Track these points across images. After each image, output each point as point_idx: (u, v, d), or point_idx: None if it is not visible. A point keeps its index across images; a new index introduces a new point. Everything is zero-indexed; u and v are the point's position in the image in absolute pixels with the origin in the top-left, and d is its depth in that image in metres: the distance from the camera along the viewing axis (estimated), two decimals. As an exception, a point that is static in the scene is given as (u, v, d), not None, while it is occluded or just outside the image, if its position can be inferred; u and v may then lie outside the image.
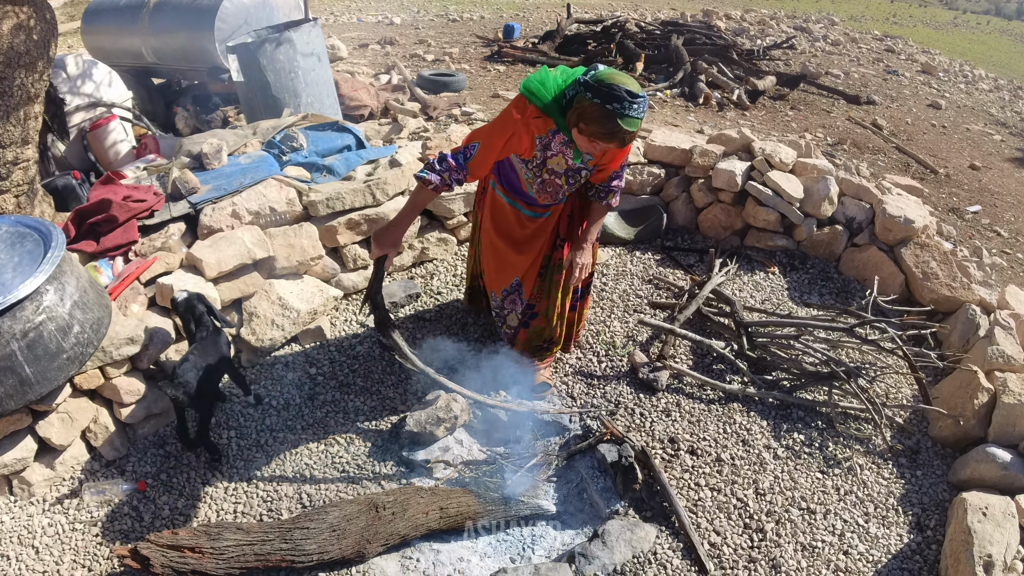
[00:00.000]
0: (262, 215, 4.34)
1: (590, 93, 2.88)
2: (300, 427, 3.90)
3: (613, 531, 3.34)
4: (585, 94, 2.91)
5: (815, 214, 5.15)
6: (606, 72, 2.92)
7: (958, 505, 3.42)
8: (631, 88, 2.84)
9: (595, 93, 2.87)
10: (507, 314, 3.96)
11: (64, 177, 4.56)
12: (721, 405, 4.09)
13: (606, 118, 2.88)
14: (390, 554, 3.34)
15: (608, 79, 2.87)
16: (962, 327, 4.40)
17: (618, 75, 2.90)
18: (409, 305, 4.68)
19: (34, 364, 3.16)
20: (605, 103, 2.85)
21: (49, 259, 3.23)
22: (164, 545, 3.04)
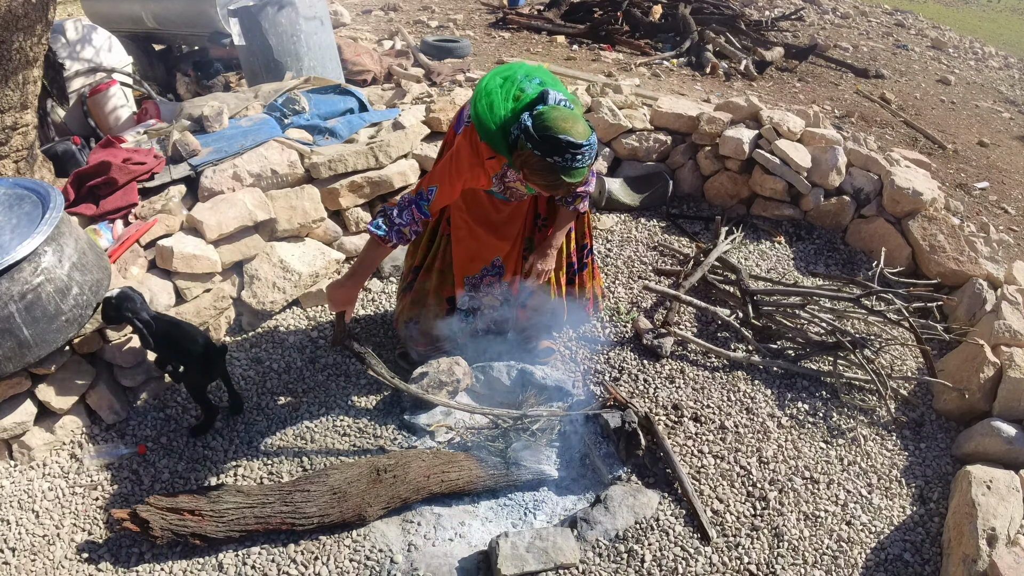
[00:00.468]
0: (263, 177, 4.29)
1: (531, 144, 2.71)
2: (301, 390, 3.87)
3: (616, 497, 3.31)
4: (527, 143, 2.73)
5: (822, 184, 5.10)
6: (550, 116, 2.70)
7: (962, 478, 3.39)
8: (574, 137, 2.66)
9: (536, 145, 2.70)
10: (483, 296, 3.80)
11: (64, 143, 4.50)
12: (725, 373, 4.06)
13: (548, 171, 2.74)
14: (391, 517, 3.31)
15: (551, 126, 2.68)
16: (969, 301, 4.36)
17: (562, 119, 2.69)
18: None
19: (32, 326, 3.13)
20: (546, 156, 2.69)
21: (47, 220, 3.18)
22: (163, 508, 3.02)
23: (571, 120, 2.70)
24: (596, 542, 3.20)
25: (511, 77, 3.00)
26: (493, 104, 2.90)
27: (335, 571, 3.10)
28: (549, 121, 2.68)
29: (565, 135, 2.65)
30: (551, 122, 2.68)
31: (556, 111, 2.73)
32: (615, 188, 5.20)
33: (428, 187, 3.10)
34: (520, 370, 3.84)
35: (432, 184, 3.10)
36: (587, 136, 2.71)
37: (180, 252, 3.76)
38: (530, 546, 3.06)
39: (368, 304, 4.42)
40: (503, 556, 3.02)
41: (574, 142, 2.66)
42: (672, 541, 3.24)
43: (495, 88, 2.95)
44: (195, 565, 3.10)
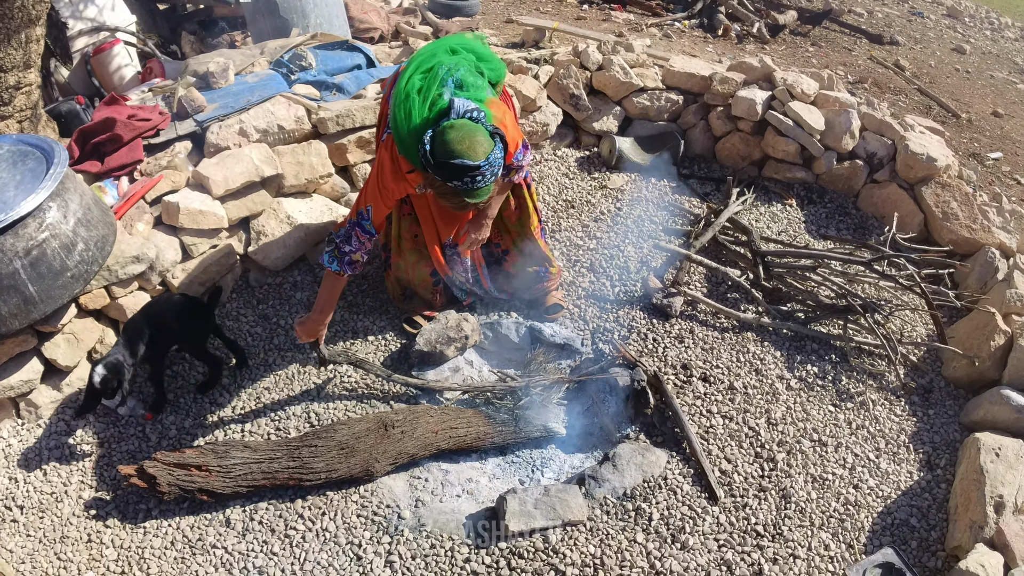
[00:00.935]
0: (270, 133, 4.23)
1: (431, 169, 2.67)
2: (308, 346, 3.84)
3: (624, 455, 3.30)
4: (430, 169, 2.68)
5: (836, 147, 5.03)
6: (448, 137, 2.61)
7: (971, 444, 3.38)
8: (471, 159, 2.59)
9: (436, 170, 2.65)
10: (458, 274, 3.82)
11: (68, 102, 4.44)
12: (735, 334, 4.03)
13: (452, 194, 2.73)
14: (398, 473, 3.31)
15: (449, 150, 2.60)
16: (980, 269, 4.31)
17: (459, 140, 2.61)
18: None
19: (38, 282, 3.09)
20: (447, 181, 2.65)
21: (52, 175, 3.13)
22: (170, 464, 3.02)
23: (468, 139, 2.62)
24: (604, 500, 3.19)
25: (433, 73, 2.85)
26: (411, 112, 2.79)
27: (342, 526, 3.10)
28: (447, 144, 2.61)
29: (461, 159, 2.59)
30: (449, 145, 2.61)
31: (454, 131, 2.63)
32: (625, 147, 5.14)
33: (364, 207, 3.07)
34: (529, 327, 3.81)
35: (367, 204, 3.07)
36: (487, 153, 2.63)
37: (186, 208, 3.72)
38: (538, 502, 3.05)
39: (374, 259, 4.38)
40: (511, 512, 3.01)
41: (470, 165, 2.60)
42: (680, 500, 3.24)
43: (412, 91, 2.83)
44: (202, 521, 3.10)
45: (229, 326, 3.93)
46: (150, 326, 3.32)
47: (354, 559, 3.00)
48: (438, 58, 2.92)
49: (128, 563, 2.97)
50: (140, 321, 3.34)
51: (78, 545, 3.03)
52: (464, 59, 2.97)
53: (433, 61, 2.90)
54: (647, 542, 3.08)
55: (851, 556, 3.11)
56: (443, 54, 2.96)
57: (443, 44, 3.04)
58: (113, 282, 3.52)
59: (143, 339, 3.29)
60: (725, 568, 3.02)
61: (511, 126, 3.01)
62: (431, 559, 3.00)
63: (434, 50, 2.99)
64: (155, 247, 3.63)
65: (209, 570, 2.96)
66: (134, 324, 3.33)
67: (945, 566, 3.09)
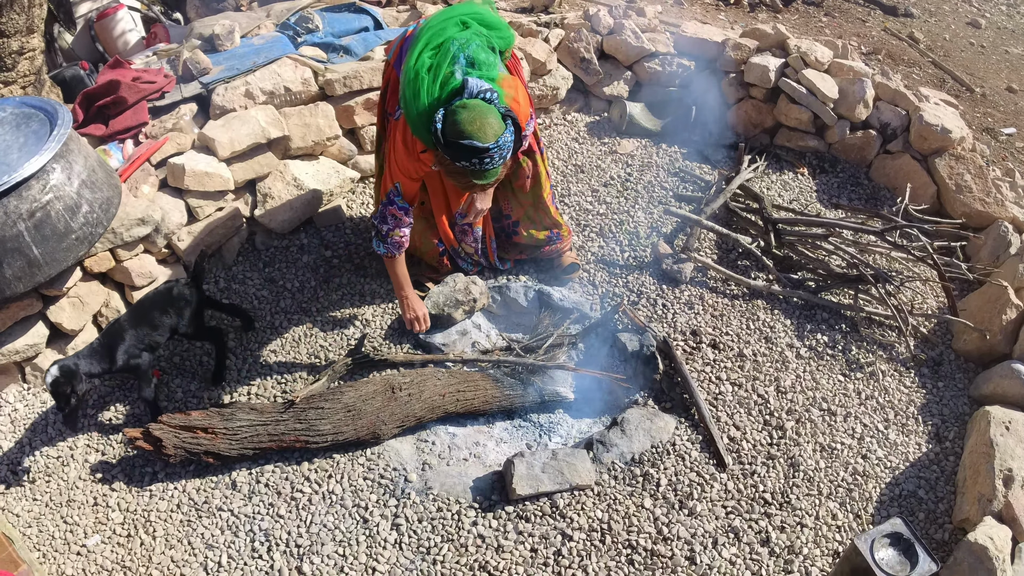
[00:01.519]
0: (276, 95, 4.18)
1: (441, 148, 2.68)
2: (315, 309, 3.82)
3: (632, 420, 3.27)
4: (440, 147, 2.69)
5: (849, 116, 4.96)
6: (460, 118, 2.62)
7: (981, 418, 3.35)
8: (480, 141, 2.59)
9: (445, 149, 2.66)
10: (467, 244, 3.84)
11: (72, 68, 4.39)
12: (745, 301, 3.99)
13: (460, 174, 2.74)
14: (405, 436, 3.30)
15: (460, 130, 2.60)
16: (993, 243, 4.26)
17: (470, 121, 2.61)
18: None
19: (42, 245, 3.07)
20: (456, 161, 2.66)
21: (55, 137, 3.10)
22: (176, 426, 3.01)
23: (480, 120, 2.61)
24: (612, 465, 3.18)
25: (443, 49, 2.81)
26: (419, 92, 2.77)
27: (349, 489, 3.09)
28: (458, 124, 2.61)
29: (470, 140, 2.59)
30: (460, 125, 2.61)
31: (467, 111, 2.63)
32: (636, 112, 5.07)
33: (393, 184, 3.09)
34: (537, 291, 3.78)
35: (394, 181, 3.09)
36: (497, 135, 2.63)
37: (192, 169, 3.68)
38: (545, 466, 3.04)
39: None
40: (518, 476, 3.00)
41: (479, 147, 2.60)
42: (688, 466, 3.22)
43: (422, 70, 2.79)
44: (208, 483, 3.10)
45: (235, 289, 3.90)
46: (136, 328, 3.18)
47: (360, 522, 2.99)
48: (448, 32, 2.86)
49: (134, 526, 2.98)
50: (123, 325, 3.18)
51: (84, 508, 3.03)
52: (475, 33, 2.91)
53: (443, 36, 2.85)
54: (654, 507, 3.07)
55: (858, 526, 3.10)
56: (453, 28, 2.90)
57: (453, 16, 2.96)
58: (118, 245, 3.50)
59: (124, 345, 3.13)
60: (732, 535, 3.01)
61: (523, 101, 2.98)
62: (438, 522, 2.99)
63: (444, 24, 2.91)
64: (160, 209, 3.60)
65: (215, 533, 2.96)
66: (115, 330, 3.17)
67: (952, 538, 3.08)
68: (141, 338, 3.16)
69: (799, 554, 2.97)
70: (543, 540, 2.95)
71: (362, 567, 2.87)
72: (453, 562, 2.88)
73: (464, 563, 2.88)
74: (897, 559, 2.68)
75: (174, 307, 3.26)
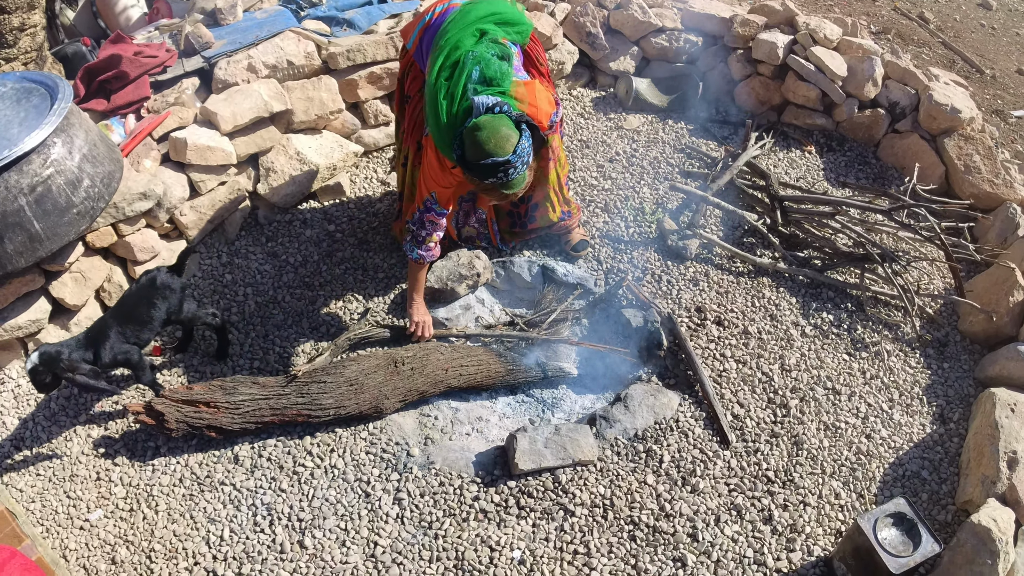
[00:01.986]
0: (279, 69, 4.14)
1: (467, 171, 2.75)
2: (318, 284, 3.80)
3: (636, 396, 3.26)
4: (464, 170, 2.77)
5: (857, 95, 4.91)
6: (476, 139, 2.67)
7: (986, 399, 3.32)
8: (500, 155, 2.65)
9: (471, 171, 2.72)
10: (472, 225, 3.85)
11: (74, 44, 4.35)
12: (750, 279, 3.96)
13: (489, 190, 2.81)
14: (408, 411, 3.29)
15: (478, 151, 2.66)
16: (1001, 225, 4.22)
17: (484, 141, 2.66)
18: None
19: (43, 219, 3.05)
20: (483, 180, 2.72)
21: (56, 111, 3.07)
22: (178, 400, 3.00)
23: (494, 137, 2.66)
24: (615, 440, 3.17)
25: (459, 68, 2.86)
26: (440, 113, 2.84)
27: (351, 463, 3.09)
28: (475, 145, 2.68)
29: (491, 157, 2.65)
30: (477, 146, 2.67)
31: (480, 131, 2.68)
32: (642, 88, 5.02)
33: (428, 193, 3.13)
34: (541, 266, 3.75)
35: (429, 191, 3.12)
36: (514, 146, 2.68)
37: (194, 143, 3.65)
38: (548, 442, 3.03)
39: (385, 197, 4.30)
40: (520, 451, 2.99)
41: (500, 161, 2.66)
42: (691, 443, 3.21)
43: (440, 94, 2.85)
44: (210, 458, 3.10)
45: (237, 263, 3.88)
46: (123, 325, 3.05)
47: (363, 496, 2.99)
48: (465, 46, 2.90)
49: (136, 500, 2.98)
50: (108, 323, 3.05)
51: (87, 483, 3.03)
52: (491, 41, 2.94)
53: (459, 52, 2.88)
54: (657, 484, 3.07)
55: (861, 505, 3.09)
56: (470, 40, 2.92)
57: (471, 22, 2.96)
58: (120, 219, 3.47)
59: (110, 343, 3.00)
60: (735, 512, 3.01)
61: (541, 100, 2.95)
62: (440, 496, 2.99)
63: (461, 35, 2.92)
64: (162, 184, 3.57)
65: (217, 507, 2.96)
66: (100, 327, 3.05)
67: (955, 520, 3.07)
68: (129, 336, 3.05)
69: (801, 532, 2.96)
70: (545, 515, 2.94)
71: (364, 541, 2.86)
72: (455, 536, 2.87)
73: (466, 538, 2.87)
74: (900, 539, 2.67)
75: (161, 296, 3.12)
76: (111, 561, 2.82)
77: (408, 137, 3.45)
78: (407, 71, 3.38)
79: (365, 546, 2.85)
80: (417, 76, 3.29)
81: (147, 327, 3.10)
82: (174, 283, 3.16)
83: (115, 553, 2.83)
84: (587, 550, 2.85)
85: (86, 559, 2.82)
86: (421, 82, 3.24)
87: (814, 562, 2.89)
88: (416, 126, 3.39)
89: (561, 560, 2.84)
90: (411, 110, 3.39)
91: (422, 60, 3.17)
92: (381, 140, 4.56)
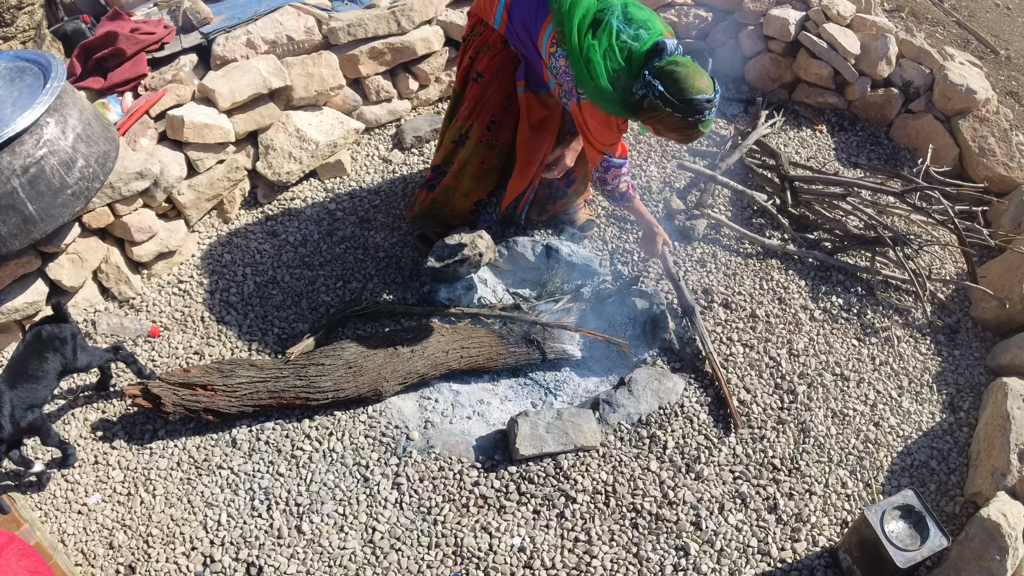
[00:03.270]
0: (279, 44, 4.07)
1: (670, 108, 2.68)
2: (318, 263, 3.75)
3: (640, 380, 3.21)
4: (664, 107, 2.69)
5: (870, 73, 4.81)
6: (680, 75, 2.64)
7: (998, 389, 3.26)
8: (708, 93, 2.66)
9: (675, 108, 2.67)
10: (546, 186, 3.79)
11: (73, 21, 4.28)
12: (759, 260, 3.90)
13: (688, 128, 2.77)
14: (408, 394, 3.25)
15: (685, 88, 2.63)
16: (1015, 209, 4.14)
17: (691, 77, 2.64)
18: (434, 140, 4.40)
19: (37, 201, 2.99)
20: (687, 116, 2.68)
21: (48, 90, 3.01)
22: (175, 383, 2.97)
23: (698, 74, 2.67)
24: (618, 426, 3.12)
25: (605, 24, 2.79)
26: (600, 77, 2.77)
27: (350, 447, 3.05)
28: (680, 82, 2.65)
29: (701, 94, 2.64)
30: (683, 82, 2.64)
31: (682, 68, 2.66)
32: (651, 66, 4.94)
33: (601, 153, 3.05)
34: (545, 246, 3.68)
35: (603, 149, 3.03)
36: (714, 84, 2.71)
37: (191, 121, 3.58)
38: (550, 426, 2.98)
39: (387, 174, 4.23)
40: (521, 436, 2.94)
41: (709, 98, 2.66)
42: (696, 429, 3.16)
43: (596, 56, 2.77)
44: (208, 441, 3.07)
45: (236, 243, 3.82)
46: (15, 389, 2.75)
47: (361, 480, 2.95)
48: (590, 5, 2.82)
49: (134, 484, 2.95)
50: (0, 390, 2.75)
51: (85, 467, 3.00)
52: None
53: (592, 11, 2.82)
54: (660, 470, 3.02)
55: (868, 495, 3.05)
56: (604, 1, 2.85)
57: None
58: (116, 199, 3.41)
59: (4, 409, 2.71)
60: (739, 501, 2.96)
61: None
62: (439, 482, 2.95)
63: None
64: (159, 163, 3.51)
65: (215, 491, 2.93)
66: None
67: (963, 511, 3.02)
68: (25, 398, 2.76)
69: (807, 522, 2.92)
70: (546, 502, 2.90)
71: (362, 526, 2.83)
72: (454, 522, 2.84)
73: (465, 524, 2.84)
74: (908, 532, 2.62)
75: (51, 349, 2.83)
76: (109, 546, 2.79)
77: (475, 116, 3.38)
78: (482, 50, 3.29)
79: (363, 531, 2.82)
80: (499, 54, 3.22)
81: (42, 384, 2.80)
82: (63, 332, 2.86)
83: (113, 538, 2.81)
84: (588, 538, 2.82)
85: (84, 543, 2.80)
86: (502, 60, 3.22)
87: (819, 552, 2.85)
88: (486, 106, 3.34)
89: (562, 548, 2.80)
90: (481, 89, 3.32)
91: (518, 37, 3.09)
92: (383, 117, 4.48)
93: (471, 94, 3.34)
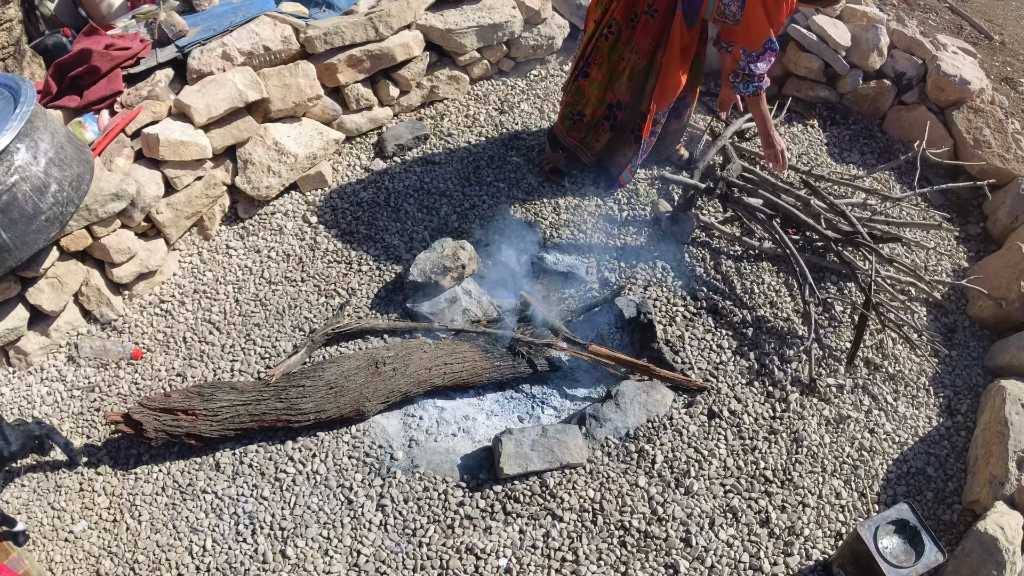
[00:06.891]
0: (255, 55, 4.00)
1: None
2: (300, 278, 3.69)
3: (627, 393, 3.15)
4: None
5: (862, 65, 4.74)
6: None
7: (995, 393, 3.21)
8: None
9: None
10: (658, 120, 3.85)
11: (54, 35, 4.23)
12: (749, 263, 3.83)
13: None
14: (391, 412, 3.21)
15: None
16: (1012, 202, 4.08)
17: None
18: (417, 148, 4.34)
19: (10, 229, 2.95)
20: None
21: (17, 115, 2.95)
22: (156, 409, 2.94)
23: None
24: (605, 441, 3.07)
25: None
26: None
27: (333, 468, 3.01)
28: None
29: None
30: None
31: None
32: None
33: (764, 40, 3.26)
34: (529, 255, 3.62)
35: (766, 36, 3.24)
36: None
37: (166, 139, 3.52)
38: (535, 444, 2.93)
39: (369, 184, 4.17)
40: (506, 455, 2.90)
41: None
42: (685, 442, 3.11)
43: None
44: (192, 465, 3.04)
45: (218, 260, 3.77)
46: None
47: (345, 503, 2.91)
48: None
49: (120, 510, 2.92)
50: None
51: (71, 494, 2.97)
52: None
53: None
54: (649, 486, 2.97)
55: (863, 505, 3.00)
56: None
57: None
58: (93, 221, 3.37)
59: None
60: (730, 515, 2.92)
61: None
62: (424, 502, 2.91)
63: None
64: (135, 182, 3.46)
65: (200, 516, 2.90)
66: None
67: (961, 520, 2.98)
68: None
69: (800, 535, 2.87)
70: (532, 521, 2.86)
71: (347, 550, 2.79)
72: (439, 544, 2.80)
73: (451, 545, 2.79)
74: (902, 548, 2.57)
75: None
76: (96, 574, 2.77)
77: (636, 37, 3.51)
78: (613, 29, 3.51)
79: (348, 555, 2.78)
80: None
81: None
82: None
83: (100, 565, 2.78)
84: (575, 557, 2.77)
85: (71, 572, 2.78)
86: None
87: (812, 567, 2.80)
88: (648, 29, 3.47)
89: (548, 568, 2.76)
90: None
91: None
92: (364, 125, 4.40)
93: None
